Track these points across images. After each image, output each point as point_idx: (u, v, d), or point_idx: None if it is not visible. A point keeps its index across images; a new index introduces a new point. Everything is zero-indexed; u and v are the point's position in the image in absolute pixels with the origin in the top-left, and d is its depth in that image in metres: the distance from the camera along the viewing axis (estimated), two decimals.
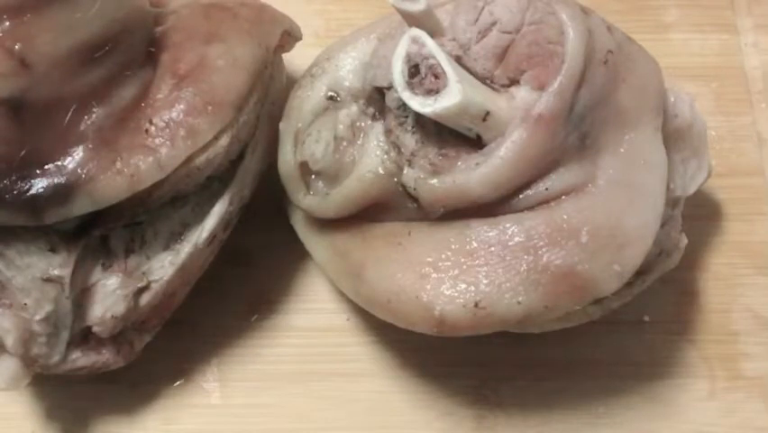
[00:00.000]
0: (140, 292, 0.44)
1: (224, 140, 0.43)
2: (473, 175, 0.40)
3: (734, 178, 0.54)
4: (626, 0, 0.59)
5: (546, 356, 0.49)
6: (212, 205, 0.45)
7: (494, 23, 0.41)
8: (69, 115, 0.41)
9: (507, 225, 0.40)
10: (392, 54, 0.40)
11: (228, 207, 0.45)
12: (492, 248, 0.40)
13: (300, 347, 0.50)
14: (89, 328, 0.44)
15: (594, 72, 0.40)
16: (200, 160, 0.43)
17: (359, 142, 0.45)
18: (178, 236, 0.45)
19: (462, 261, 0.40)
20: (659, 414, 0.48)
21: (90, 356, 0.44)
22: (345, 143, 0.45)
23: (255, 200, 0.49)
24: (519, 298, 0.39)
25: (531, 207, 0.41)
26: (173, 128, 0.42)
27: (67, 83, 0.40)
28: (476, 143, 0.41)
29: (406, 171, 0.42)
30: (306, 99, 0.46)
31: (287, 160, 0.46)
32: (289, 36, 0.49)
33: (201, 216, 0.45)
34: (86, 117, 0.41)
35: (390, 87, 0.42)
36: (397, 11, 0.41)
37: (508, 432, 0.48)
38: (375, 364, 0.50)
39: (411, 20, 0.41)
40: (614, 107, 0.41)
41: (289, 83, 0.50)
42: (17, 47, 0.39)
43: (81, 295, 0.43)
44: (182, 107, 0.42)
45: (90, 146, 0.41)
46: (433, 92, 0.39)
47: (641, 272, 0.43)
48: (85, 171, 0.40)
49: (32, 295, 0.42)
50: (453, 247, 0.41)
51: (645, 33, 0.52)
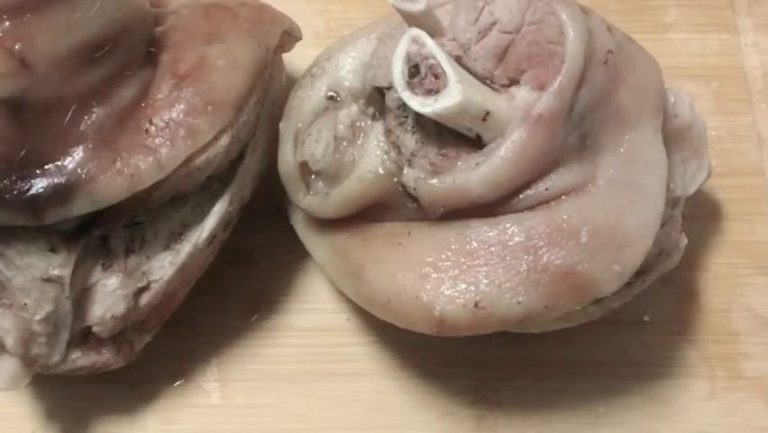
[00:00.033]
0: (140, 292, 0.44)
1: (224, 140, 0.43)
2: (473, 175, 0.40)
3: (734, 178, 0.53)
4: (626, 0, 0.59)
5: (546, 356, 0.49)
6: (212, 205, 0.45)
7: (494, 23, 0.41)
8: (69, 115, 0.41)
9: (507, 225, 0.40)
10: (392, 54, 0.40)
11: (228, 207, 0.45)
12: (492, 248, 0.40)
13: (300, 347, 0.50)
14: (89, 328, 0.44)
15: (594, 72, 0.40)
16: (200, 160, 0.43)
17: (359, 142, 0.45)
18: (178, 236, 0.45)
19: (462, 261, 0.40)
20: (659, 414, 0.48)
21: (90, 356, 0.44)
22: (345, 143, 0.45)
23: (255, 200, 0.49)
24: (519, 298, 0.39)
25: (531, 207, 0.41)
26: (173, 128, 0.42)
27: (67, 83, 0.40)
28: (476, 143, 0.41)
29: (406, 171, 0.42)
30: (306, 99, 0.46)
31: (287, 160, 0.46)
32: (289, 36, 0.49)
33: (201, 216, 0.45)
34: (86, 117, 0.41)
35: (390, 87, 0.42)
36: (397, 11, 0.41)
37: (508, 432, 0.48)
38: (375, 364, 0.50)
39: (411, 20, 0.41)
40: (614, 107, 0.41)
41: (289, 83, 0.50)
42: (17, 47, 0.39)
43: (81, 295, 0.43)
44: (182, 107, 0.42)
45: (90, 146, 0.41)
46: (433, 92, 0.39)
47: (641, 272, 0.43)
48: (85, 171, 0.40)
49: (31, 295, 0.42)
50: (453, 247, 0.41)
51: (645, 33, 0.52)
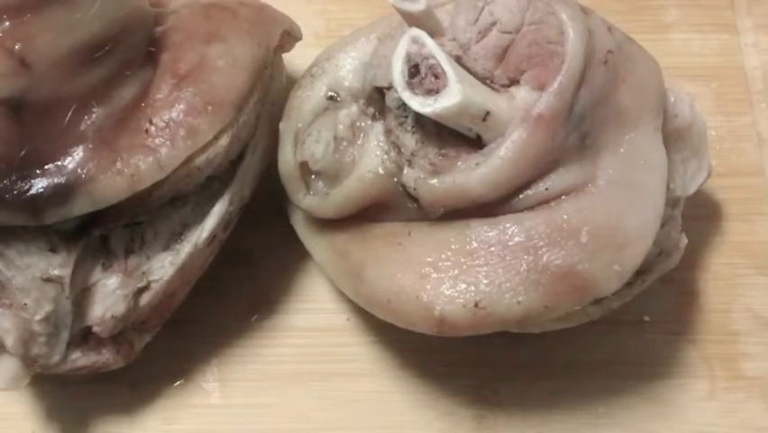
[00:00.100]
0: (140, 292, 0.44)
1: (224, 140, 0.43)
2: (473, 175, 0.40)
3: (734, 178, 0.53)
4: (626, 0, 0.59)
5: (546, 356, 0.49)
6: (212, 205, 0.45)
7: (494, 23, 0.41)
8: (69, 115, 0.41)
9: (507, 225, 0.40)
10: (392, 54, 0.40)
11: (228, 207, 0.45)
12: (492, 248, 0.40)
13: (300, 347, 0.50)
14: (89, 328, 0.44)
15: (594, 72, 0.40)
16: (200, 160, 0.43)
17: (359, 142, 0.45)
18: (178, 236, 0.45)
19: (462, 261, 0.40)
20: (659, 414, 0.48)
21: (90, 356, 0.44)
22: (345, 143, 0.45)
23: (255, 200, 0.49)
24: (519, 298, 0.39)
25: (531, 207, 0.41)
26: (173, 128, 0.42)
27: (67, 83, 0.40)
28: (476, 143, 0.41)
29: (406, 171, 0.42)
30: (306, 99, 0.46)
31: (287, 160, 0.46)
32: (289, 36, 0.49)
33: (201, 216, 0.45)
34: (86, 117, 0.41)
35: (390, 87, 0.42)
36: (397, 11, 0.41)
37: (508, 432, 0.48)
38: (375, 364, 0.50)
39: (411, 20, 0.41)
40: (614, 107, 0.41)
41: (289, 83, 0.50)
42: (17, 47, 0.39)
43: (81, 295, 0.43)
44: (182, 107, 0.42)
45: (90, 146, 0.41)
46: (433, 92, 0.39)
47: (641, 272, 0.43)
48: (85, 171, 0.40)
49: (31, 295, 0.42)
50: (453, 247, 0.41)
51: (645, 33, 0.52)
